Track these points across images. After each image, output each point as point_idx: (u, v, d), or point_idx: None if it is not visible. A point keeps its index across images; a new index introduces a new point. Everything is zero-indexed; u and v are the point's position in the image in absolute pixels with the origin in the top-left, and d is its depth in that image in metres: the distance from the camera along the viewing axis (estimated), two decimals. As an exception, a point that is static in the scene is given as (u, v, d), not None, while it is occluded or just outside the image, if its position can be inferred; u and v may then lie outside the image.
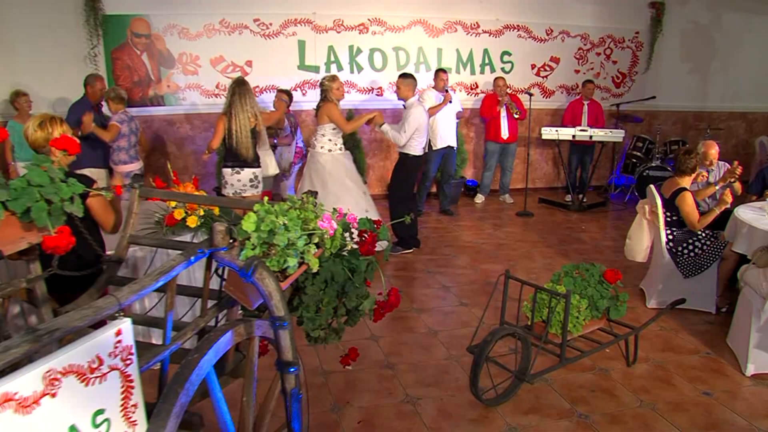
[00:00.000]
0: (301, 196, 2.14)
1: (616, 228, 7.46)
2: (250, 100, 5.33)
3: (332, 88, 5.87)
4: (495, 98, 8.39)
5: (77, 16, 7.48)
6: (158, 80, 8.07)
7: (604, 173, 9.61)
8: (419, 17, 8.70)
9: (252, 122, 5.36)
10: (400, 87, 6.06)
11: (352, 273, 2.59)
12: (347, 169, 6.05)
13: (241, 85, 5.37)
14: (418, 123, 5.91)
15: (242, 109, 5.29)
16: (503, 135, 8.42)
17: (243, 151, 5.28)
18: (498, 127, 8.41)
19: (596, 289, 3.36)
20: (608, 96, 9.68)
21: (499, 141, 8.46)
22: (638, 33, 9.63)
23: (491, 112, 8.34)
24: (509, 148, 8.59)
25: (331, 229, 1.93)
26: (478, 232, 7.14)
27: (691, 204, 4.54)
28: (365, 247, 2.46)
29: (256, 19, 8.16)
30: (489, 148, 8.60)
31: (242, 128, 5.28)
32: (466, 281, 5.37)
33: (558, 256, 6.16)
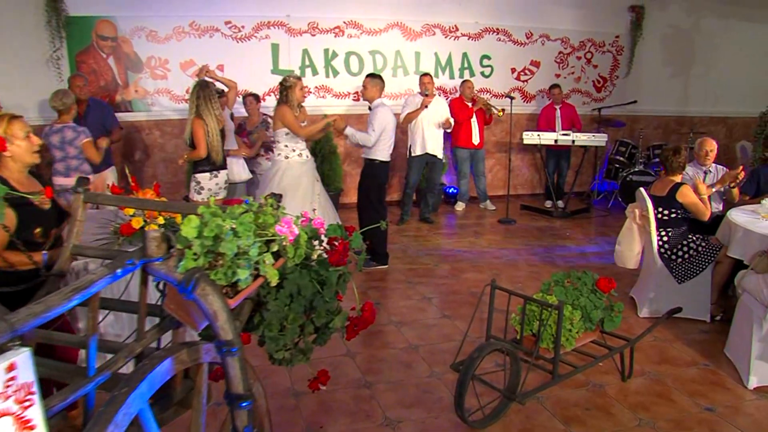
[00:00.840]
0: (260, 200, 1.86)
1: (600, 234, 7.26)
2: (214, 102, 5.11)
3: (294, 88, 5.45)
4: (462, 102, 8.17)
5: (38, 17, 7.13)
6: (125, 85, 7.73)
7: (587, 179, 9.42)
8: (396, 20, 8.47)
9: (220, 124, 5.15)
10: (366, 87, 5.73)
11: (321, 286, 2.31)
12: (304, 179, 5.57)
13: (205, 88, 5.15)
14: (385, 123, 5.58)
15: (210, 112, 5.07)
16: (474, 140, 8.20)
17: (214, 155, 5.06)
18: (469, 133, 8.18)
19: (589, 299, 3.11)
20: (589, 100, 9.52)
21: (470, 147, 8.24)
22: (618, 37, 9.50)
23: (463, 115, 8.11)
24: (479, 153, 8.38)
25: (291, 235, 1.64)
26: (460, 240, 6.89)
27: (693, 195, 4.36)
28: (335, 256, 2.17)
29: (228, 22, 7.87)
30: (459, 155, 8.35)
31: (213, 131, 5.06)
32: (448, 292, 5.10)
33: (543, 263, 5.92)
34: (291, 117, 5.44)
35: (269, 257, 1.65)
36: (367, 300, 2.37)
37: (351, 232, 2.37)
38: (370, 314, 2.28)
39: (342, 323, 2.26)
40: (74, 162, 5.18)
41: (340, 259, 2.18)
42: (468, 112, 8.11)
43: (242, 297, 1.56)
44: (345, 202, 8.19)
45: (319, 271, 2.25)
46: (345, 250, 2.21)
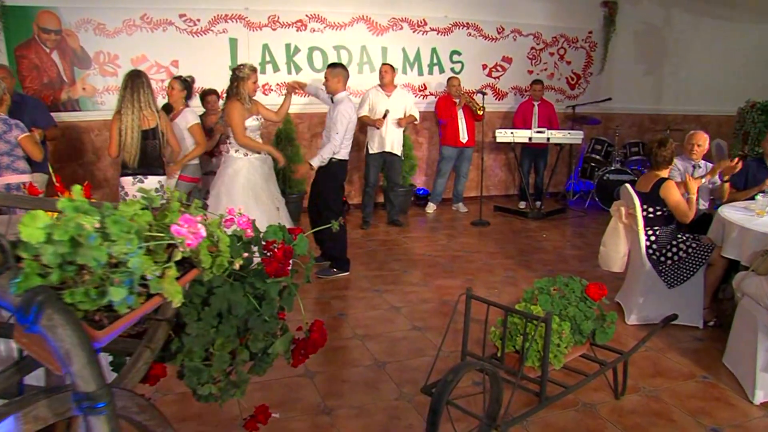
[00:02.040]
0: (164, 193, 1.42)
1: (579, 236, 6.92)
2: (145, 96, 4.55)
3: (247, 80, 4.96)
4: (450, 99, 7.80)
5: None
6: (72, 82, 7.17)
7: (561, 179, 9.12)
8: (362, 14, 8.05)
9: (148, 122, 4.58)
10: (327, 79, 5.19)
11: (259, 302, 1.87)
12: (263, 179, 5.14)
13: (134, 78, 4.58)
14: (347, 119, 5.10)
15: (132, 107, 4.51)
16: (462, 138, 7.82)
17: (127, 157, 4.53)
18: (456, 130, 7.80)
19: (578, 308, 2.71)
20: (563, 98, 9.22)
21: (457, 145, 7.85)
22: (591, 33, 9.22)
23: (450, 113, 7.73)
24: (466, 152, 7.99)
25: (193, 238, 1.19)
26: (431, 243, 6.48)
27: (677, 193, 4.00)
28: (273, 264, 1.74)
29: (183, 15, 7.36)
30: (445, 153, 7.97)
31: (130, 129, 4.50)
32: (419, 300, 4.67)
33: (520, 267, 5.54)
34: (237, 117, 4.92)
35: (172, 269, 1.21)
36: (317, 319, 1.93)
37: (296, 234, 1.94)
38: (319, 336, 1.85)
39: (285, 347, 1.82)
40: (5, 159, 4.59)
41: (280, 268, 1.75)
42: (452, 111, 7.73)
43: (120, 327, 1.10)
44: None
45: (255, 283, 1.81)
46: (286, 257, 1.77)
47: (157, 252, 1.18)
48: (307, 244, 1.88)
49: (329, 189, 5.23)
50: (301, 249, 1.87)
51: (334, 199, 5.27)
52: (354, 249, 6.07)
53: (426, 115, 8.47)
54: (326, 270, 5.22)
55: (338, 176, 5.28)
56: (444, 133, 7.94)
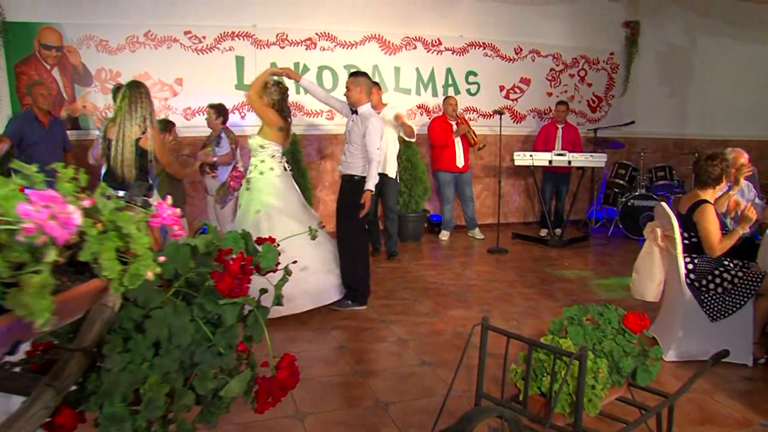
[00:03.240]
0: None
1: (603, 264, 6.45)
2: (142, 108, 4.23)
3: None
4: (445, 121, 7.42)
5: (-28, 22, 6.38)
6: (72, 99, 6.92)
7: (583, 205, 8.67)
8: (374, 32, 7.76)
9: (139, 133, 4.24)
10: (349, 88, 4.76)
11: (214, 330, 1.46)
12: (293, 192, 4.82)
13: (134, 88, 4.29)
14: (380, 132, 4.73)
15: (130, 117, 4.20)
16: (458, 163, 7.43)
17: (123, 170, 4.20)
18: (453, 155, 7.40)
19: (616, 341, 2.26)
20: (584, 121, 8.82)
21: (453, 170, 7.45)
22: (613, 54, 8.86)
23: (444, 138, 7.34)
24: (464, 177, 7.58)
25: (55, 229, 0.79)
26: (444, 271, 6.04)
27: (712, 220, 3.53)
28: (226, 281, 1.33)
29: (188, 32, 7.11)
30: (442, 179, 7.55)
31: (123, 139, 4.18)
32: (429, 332, 4.22)
33: (541, 297, 5.08)
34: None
35: (39, 277, 0.81)
36: (288, 353, 1.51)
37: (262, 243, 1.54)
38: (288, 374, 1.43)
39: (243, 389, 1.40)
40: None
41: (236, 286, 1.34)
42: (447, 137, 7.34)
43: None
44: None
45: (205, 305, 1.40)
46: (244, 272, 1.37)
47: (13, 248, 0.78)
48: (275, 256, 1.47)
49: (348, 211, 4.72)
50: (268, 262, 1.46)
51: (355, 224, 4.71)
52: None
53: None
54: (341, 301, 4.72)
55: (360, 193, 4.70)
56: (439, 157, 7.54)
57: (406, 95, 8.02)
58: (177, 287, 1.41)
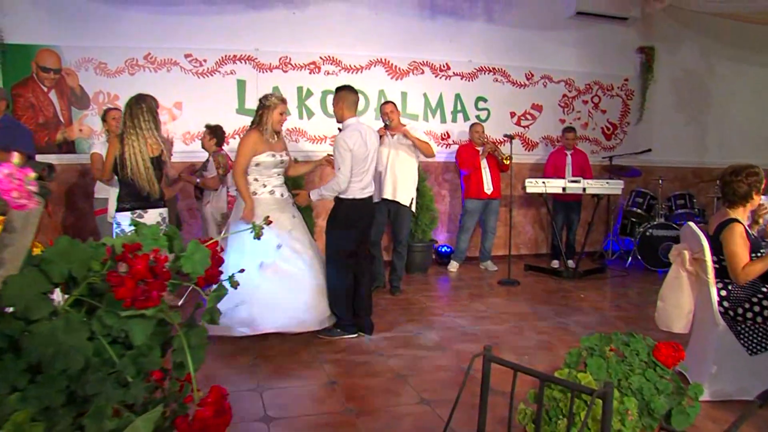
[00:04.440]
0: None
1: (621, 296, 6.04)
2: (146, 123, 4.08)
3: (274, 110, 4.43)
4: (473, 147, 7.12)
5: (-31, 44, 6.25)
6: (69, 123, 6.73)
7: (598, 236, 8.28)
8: (380, 56, 7.54)
9: (154, 149, 4.08)
10: (334, 104, 4.58)
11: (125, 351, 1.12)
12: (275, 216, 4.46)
13: (138, 103, 4.16)
14: (348, 149, 4.30)
15: (136, 132, 4.04)
16: (486, 189, 7.07)
17: (146, 185, 4.05)
18: (480, 181, 7.06)
19: (646, 377, 1.89)
20: (598, 149, 8.49)
21: (481, 197, 7.10)
22: (627, 80, 8.57)
23: (473, 162, 7.02)
24: (492, 205, 7.22)
25: None
26: (452, 303, 5.67)
27: (739, 242, 3.15)
28: (126, 286, 0.99)
29: (188, 55, 6.94)
30: (468, 207, 7.20)
31: (139, 157, 4.01)
32: (431, 367, 3.83)
33: (556, 330, 4.68)
34: (248, 147, 4.39)
35: None
36: (217, 385, 1.16)
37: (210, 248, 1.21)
38: (214, 413, 1.07)
39: (149, 430, 1.05)
40: None
41: (139, 293, 1.00)
42: (474, 161, 7.02)
43: None
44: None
45: (106, 318, 1.06)
46: (155, 275, 1.03)
47: None
48: (205, 259, 1.13)
49: (331, 234, 4.47)
50: (194, 265, 1.12)
51: (335, 249, 4.43)
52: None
53: (449, 166, 7.84)
54: (329, 329, 4.41)
55: (345, 220, 4.45)
56: (467, 184, 7.22)
57: (413, 121, 7.73)
58: (77, 296, 1.08)
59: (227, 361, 3.85)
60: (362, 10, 7.38)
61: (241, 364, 3.79)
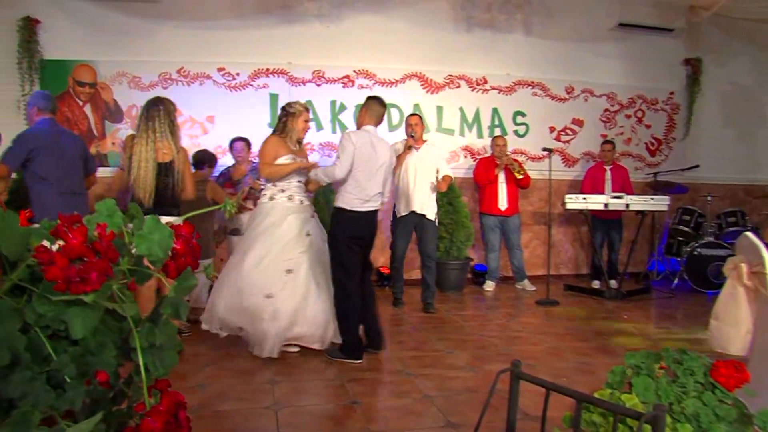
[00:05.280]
0: None
1: (668, 318, 5.69)
2: (161, 126, 3.95)
3: (298, 118, 4.33)
4: (492, 161, 6.89)
5: (10, 59, 6.32)
6: (102, 136, 6.75)
7: (642, 256, 7.90)
8: (415, 70, 7.40)
9: (164, 155, 3.96)
10: (360, 111, 4.45)
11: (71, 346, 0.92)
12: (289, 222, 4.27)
13: (153, 106, 4.05)
14: (350, 148, 4.09)
15: (147, 137, 3.95)
16: (500, 205, 6.84)
17: (140, 193, 3.86)
18: (494, 196, 6.84)
19: (703, 400, 1.62)
20: (642, 165, 8.14)
21: (495, 213, 6.87)
22: (673, 93, 8.22)
23: (488, 176, 6.79)
24: (509, 222, 6.95)
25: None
26: (486, 322, 5.41)
27: None
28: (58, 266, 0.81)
29: (221, 69, 6.91)
30: (486, 223, 6.99)
31: (144, 161, 3.90)
32: (461, 388, 3.58)
33: (597, 352, 4.38)
34: (271, 148, 4.28)
35: None
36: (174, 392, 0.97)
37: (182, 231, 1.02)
38: (163, 424, 0.88)
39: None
40: None
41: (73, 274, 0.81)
42: (489, 175, 6.80)
43: None
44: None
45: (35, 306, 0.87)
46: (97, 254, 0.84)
47: None
48: (166, 240, 0.94)
49: (332, 244, 4.22)
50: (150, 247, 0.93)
51: (338, 258, 4.15)
52: (391, 325, 5.10)
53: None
54: (333, 350, 4.15)
55: (338, 228, 4.17)
56: (481, 198, 7.02)
57: (450, 136, 7.57)
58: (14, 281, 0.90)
59: (244, 377, 3.67)
60: (397, 24, 7.25)
61: (259, 381, 3.61)
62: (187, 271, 1.02)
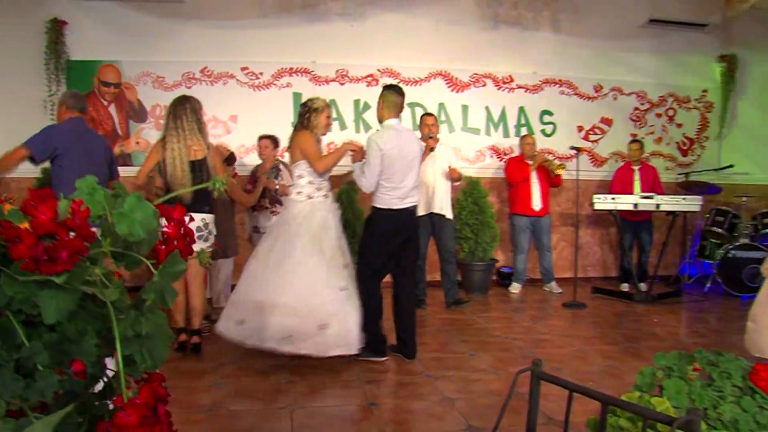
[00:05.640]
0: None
1: (700, 321, 5.49)
2: (189, 123, 3.97)
3: (321, 113, 4.26)
4: (522, 161, 6.75)
5: (39, 60, 6.39)
6: (126, 136, 6.78)
7: (673, 259, 7.67)
8: (440, 68, 7.30)
9: (195, 152, 3.97)
10: (377, 104, 4.28)
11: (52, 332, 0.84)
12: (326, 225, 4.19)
13: (179, 105, 4.06)
14: (377, 151, 3.98)
15: (177, 135, 3.94)
16: (534, 206, 6.68)
17: (178, 189, 3.90)
18: (528, 195, 6.69)
19: (742, 406, 1.50)
20: (673, 165, 7.91)
21: (527, 213, 6.72)
22: (706, 91, 7.98)
23: (522, 172, 6.66)
24: (542, 222, 6.80)
25: None
26: (511, 324, 5.27)
27: None
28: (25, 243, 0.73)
29: (245, 68, 6.90)
30: (517, 224, 6.83)
31: (177, 160, 3.93)
32: (484, 392, 3.46)
33: (625, 356, 4.22)
34: (311, 141, 4.18)
35: None
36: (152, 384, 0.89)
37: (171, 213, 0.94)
38: (139, 421, 0.80)
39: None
40: None
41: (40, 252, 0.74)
42: (523, 172, 6.66)
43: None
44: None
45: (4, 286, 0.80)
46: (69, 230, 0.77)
47: None
48: (149, 218, 0.87)
49: (363, 241, 4.17)
50: (131, 226, 0.85)
51: (366, 257, 4.09)
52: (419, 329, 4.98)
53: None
54: (360, 349, 4.00)
55: (378, 233, 4.10)
56: (513, 198, 6.86)
57: (475, 135, 7.45)
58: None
59: (261, 377, 3.61)
60: (422, 22, 7.17)
61: (275, 381, 3.54)
62: (175, 255, 0.95)
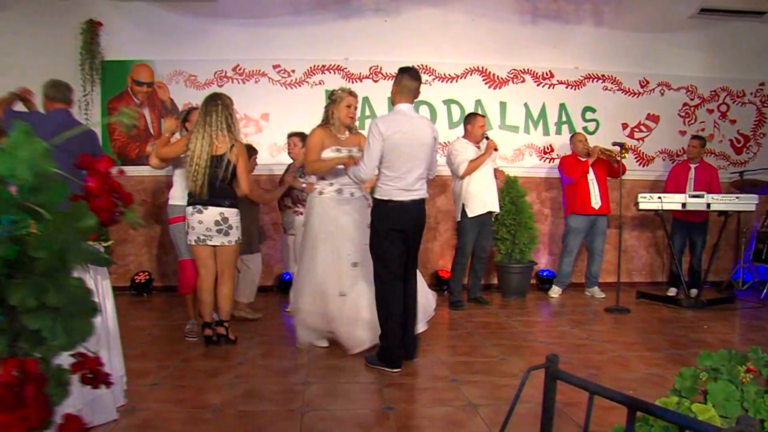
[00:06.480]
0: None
1: (756, 329, 5.09)
2: (218, 120, 3.94)
3: (340, 103, 4.16)
4: (575, 159, 6.44)
5: (73, 60, 6.44)
6: (158, 135, 6.74)
7: (726, 264, 7.22)
8: (477, 64, 7.05)
9: (218, 147, 3.91)
10: (392, 89, 4.00)
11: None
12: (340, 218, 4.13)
13: (211, 101, 4.08)
14: (378, 138, 3.64)
15: (203, 131, 4.00)
16: (594, 203, 6.33)
17: (191, 185, 4.01)
18: (587, 193, 6.33)
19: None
20: (726, 164, 7.46)
21: (587, 212, 6.36)
22: (763, 85, 7.51)
23: (582, 167, 6.35)
24: (599, 223, 6.44)
25: None
26: (548, 329, 4.99)
27: None
28: None
29: (277, 66, 6.80)
30: (572, 225, 6.45)
31: (197, 156, 3.97)
32: (511, 398, 3.19)
33: (670, 363, 3.89)
34: (316, 142, 4.13)
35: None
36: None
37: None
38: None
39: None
40: None
41: None
42: (583, 166, 6.35)
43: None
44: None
45: None
46: None
47: None
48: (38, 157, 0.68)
49: (371, 242, 3.88)
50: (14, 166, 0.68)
51: (375, 255, 3.82)
52: (443, 329, 4.78)
53: (552, 182, 7.14)
54: (371, 355, 3.81)
55: (378, 221, 3.79)
56: (571, 197, 6.49)
57: (514, 133, 7.17)
58: None
59: (277, 377, 3.44)
60: (458, 16, 6.94)
61: (291, 382, 3.36)
62: (81, 206, 0.77)
